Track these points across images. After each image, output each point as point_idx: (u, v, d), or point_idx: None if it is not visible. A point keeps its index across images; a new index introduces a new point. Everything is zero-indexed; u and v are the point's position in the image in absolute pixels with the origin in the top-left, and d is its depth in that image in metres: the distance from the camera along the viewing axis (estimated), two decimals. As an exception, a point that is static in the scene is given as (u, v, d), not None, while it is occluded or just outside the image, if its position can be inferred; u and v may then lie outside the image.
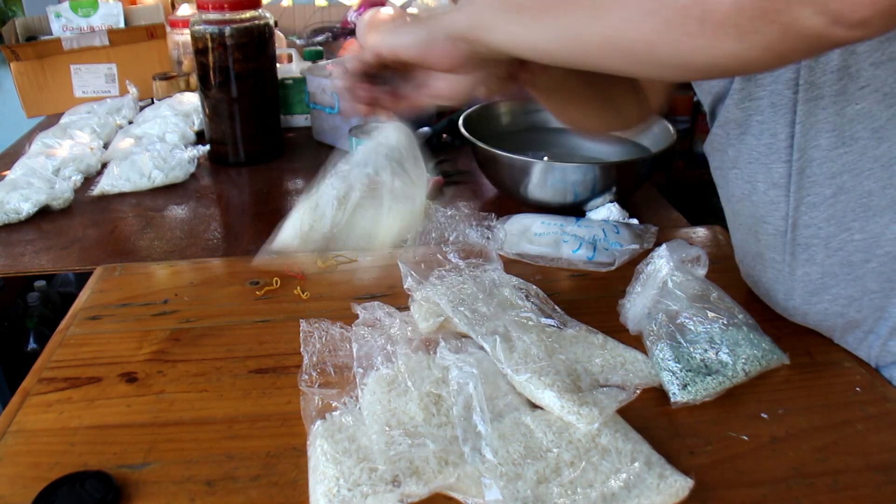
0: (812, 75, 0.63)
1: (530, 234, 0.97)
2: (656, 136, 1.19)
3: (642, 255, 0.83)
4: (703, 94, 0.78)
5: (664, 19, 0.47)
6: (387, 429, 0.61)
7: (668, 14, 0.46)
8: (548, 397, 0.65)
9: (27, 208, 1.13)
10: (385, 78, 0.66)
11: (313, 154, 1.46)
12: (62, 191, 1.18)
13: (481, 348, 0.72)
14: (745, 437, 0.64)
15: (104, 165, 1.34)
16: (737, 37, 0.45)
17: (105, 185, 1.24)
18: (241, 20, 1.30)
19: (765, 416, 0.67)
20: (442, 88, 0.62)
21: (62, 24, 1.78)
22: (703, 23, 0.45)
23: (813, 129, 0.65)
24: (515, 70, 0.69)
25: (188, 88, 1.69)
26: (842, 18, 0.41)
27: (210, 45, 1.30)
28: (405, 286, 0.82)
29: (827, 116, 0.64)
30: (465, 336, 0.74)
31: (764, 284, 0.80)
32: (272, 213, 1.19)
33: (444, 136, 1.48)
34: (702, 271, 0.77)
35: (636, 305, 0.77)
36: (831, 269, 0.70)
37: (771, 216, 0.72)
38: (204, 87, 1.35)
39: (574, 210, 1.11)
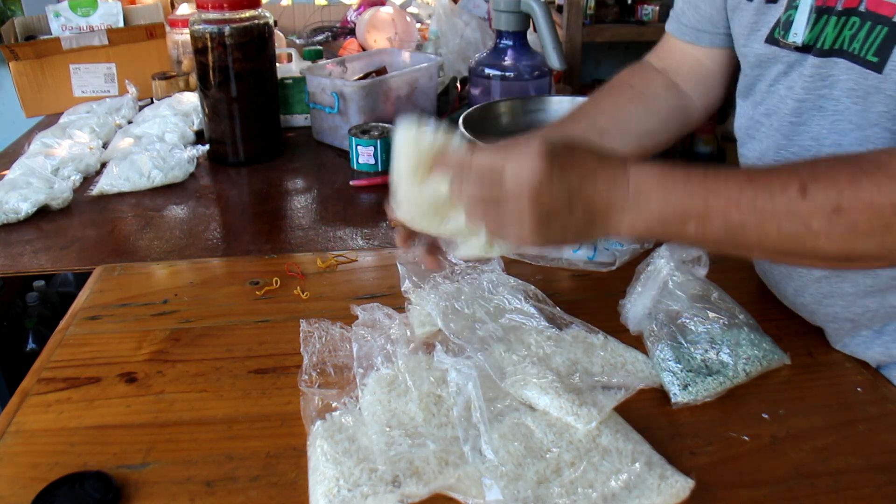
0: None
1: (530, 233, 0.97)
2: (656, 135, 1.19)
3: (643, 255, 0.83)
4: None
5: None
6: (387, 429, 0.61)
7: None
8: (546, 399, 0.65)
9: (26, 208, 1.13)
10: None
11: (313, 154, 1.46)
12: (61, 190, 1.18)
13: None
14: (746, 438, 0.64)
15: (103, 165, 1.33)
16: None
17: (104, 185, 1.24)
18: (241, 20, 1.30)
19: (766, 416, 0.67)
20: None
21: (61, 23, 1.78)
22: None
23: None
24: None
25: (188, 88, 1.69)
26: None
27: (209, 44, 1.29)
28: (402, 289, 0.82)
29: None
30: (466, 336, 0.74)
31: (774, 276, 0.79)
32: (272, 212, 1.19)
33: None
34: (702, 271, 0.77)
35: (637, 306, 0.77)
36: (849, 274, 0.69)
37: None
38: (203, 87, 1.35)
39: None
